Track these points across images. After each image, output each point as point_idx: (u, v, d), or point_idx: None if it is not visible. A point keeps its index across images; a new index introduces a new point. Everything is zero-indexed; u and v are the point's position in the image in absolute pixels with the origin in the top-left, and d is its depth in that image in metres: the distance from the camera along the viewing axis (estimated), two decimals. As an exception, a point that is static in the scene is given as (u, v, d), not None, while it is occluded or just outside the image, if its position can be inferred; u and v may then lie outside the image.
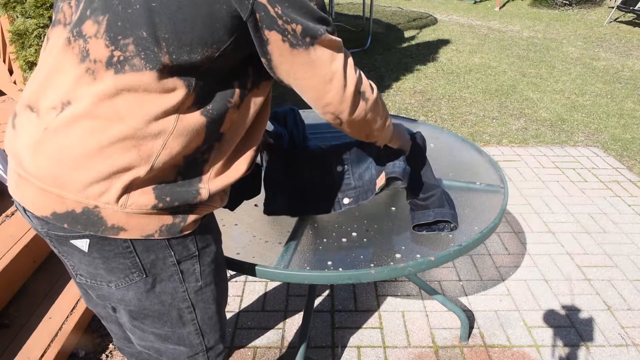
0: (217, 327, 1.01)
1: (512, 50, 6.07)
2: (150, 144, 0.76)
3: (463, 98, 4.40)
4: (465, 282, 2.14)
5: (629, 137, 3.67)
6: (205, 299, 0.95)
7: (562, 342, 1.83)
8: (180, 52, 0.73)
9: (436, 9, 8.75)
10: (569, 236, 2.47)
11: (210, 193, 0.85)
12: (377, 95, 0.93)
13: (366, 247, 1.19)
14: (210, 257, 0.93)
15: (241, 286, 2.10)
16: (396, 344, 1.82)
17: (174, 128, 0.77)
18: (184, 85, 0.76)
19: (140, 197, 0.79)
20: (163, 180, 0.80)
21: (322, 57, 0.81)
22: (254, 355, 1.76)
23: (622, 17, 7.85)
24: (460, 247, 1.18)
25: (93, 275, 0.86)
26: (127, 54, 0.73)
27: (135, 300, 0.88)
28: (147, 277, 0.86)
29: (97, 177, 0.76)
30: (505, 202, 1.39)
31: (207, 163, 0.85)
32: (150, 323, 0.93)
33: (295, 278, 1.10)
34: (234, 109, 0.83)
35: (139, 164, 0.77)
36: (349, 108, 0.88)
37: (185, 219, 0.85)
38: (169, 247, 0.86)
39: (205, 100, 0.79)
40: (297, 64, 0.80)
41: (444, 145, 1.77)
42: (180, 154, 0.80)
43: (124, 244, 0.82)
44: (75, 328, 1.71)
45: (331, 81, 0.83)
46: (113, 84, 0.74)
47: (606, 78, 5.05)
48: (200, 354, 1.01)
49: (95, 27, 0.75)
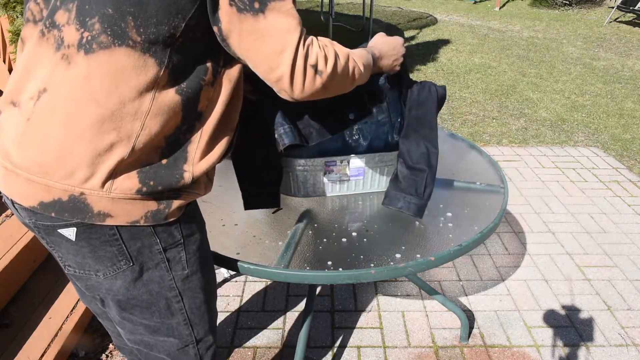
0: (205, 318, 1.02)
1: (512, 50, 6.07)
2: (129, 125, 0.77)
3: (463, 98, 4.40)
4: (465, 282, 2.14)
5: (629, 137, 3.67)
6: (192, 287, 0.96)
7: (562, 342, 1.83)
8: (147, 24, 0.74)
9: (436, 9, 8.75)
10: (569, 236, 2.47)
11: (194, 176, 0.86)
12: (334, 64, 0.86)
13: (366, 247, 1.19)
14: (195, 245, 0.94)
15: (241, 286, 2.10)
16: (396, 344, 1.82)
17: (151, 107, 0.78)
18: (155, 63, 0.77)
19: (124, 182, 0.79)
20: (147, 163, 0.81)
21: (273, 26, 0.78)
22: (254, 355, 1.76)
23: (622, 17, 7.85)
24: (460, 247, 1.18)
25: (81, 265, 0.87)
26: (94, 33, 0.75)
27: (124, 289, 0.89)
28: (134, 265, 0.87)
29: (81, 163, 0.77)
30: (505, 202, 1.39)
31: (191, 144, 0.85)
32: (139, 314, 0.94)
33: (295, 278, 1.10)
34: (208, 86, 0.84)
35: (120, 145, 0.77)
36: (301, 84, 0.83)
37: (170, 205, 0.86)
38: (155, 234, 0.87)
39: (179, 78, 0.80)
40: (245, 32, 0.77)
41: (444, 145, 1.77)
42: (161, 134, 0.81)
43: (110, 232, 0.83)
44: (75, 328, 1.70)
45: (282, 53, 0.79)
46: (85, 65, 0.75)
47: (606, 78, 5.05)
48: (190, 345, 1.02)
49: (66, 15, 0.77)
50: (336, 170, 1.39)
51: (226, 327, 1.89)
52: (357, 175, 1.42)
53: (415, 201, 1.25)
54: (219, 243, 1.21)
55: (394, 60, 1.14)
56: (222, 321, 1.91)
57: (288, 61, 0.79)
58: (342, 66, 0.88)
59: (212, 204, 1.39)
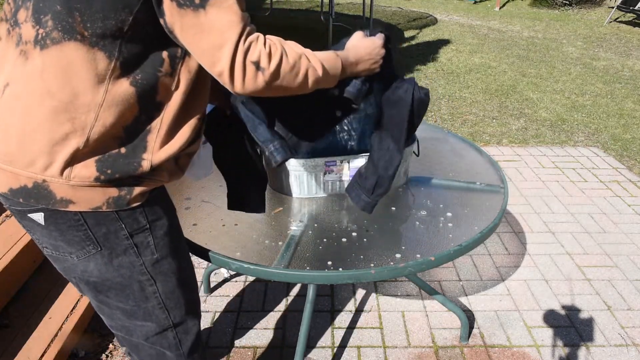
0: (181, 302, 1.04)
1: (512, 50, 6.07)
2: (83, 117, 0.80)
3: (463, 98, 4.40)
4: (465, 282, 2.14)
5: (629, 137, 3.67)
6: (163, 271, 0.99)
7: (562, 342, 1.83)
8: (93, 19, 0.76)
9: (436, 9, 8.75)
10: (569, 236, 2.47)
11: (153, 165, 0.88)
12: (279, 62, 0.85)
13: (366, 247, 1.19)
14: (162, 229, 0.97)
15: (241, 286, 2.10)
16: (396, 344, 1.82)
17: (104, 99, 0.80)
18: (105, 56, 0.79)
19: (82, 170, 0.83)
20: (106, 152, 0.84)
21: (213, 22, 0.78)
22: (254, 355, 1.76)
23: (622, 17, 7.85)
24: (460, 247, 1.18)
25: (55, 247, 0.92)
26: (47, 29, 0.78)
27: (97, 271, 0.93)
28: (103, 249, 0.91)
29: (40, 152, 0.81)
30: (505, 202, 1.39)
31: (150, 133, 0.87)
32: (114, 296, 0.97)
33: (295, 278, 1.10)
34: (166, 77, 0.85)
35: (75, 136, 0.80)
36: (241, 80, 0.82)
37: (131, 191, 0.88)
38: (119, 219, 0.89)
39: (132, 70, 0.81)
40: (186, 27, 0.78)
41: (444, 145, 1.77)
42: (118, 124, 0.83)
43: (75, 217, 0.87)
44: (75, 328, 1.70)
45: (221, 48, 0.79)
46: (40, 60, 0.79)
47: (606, 78, 5.05)
48: (168, 330, 1.04)
49: (25, 13, 0.81)
50: (336, 170, 1.39)
51: (226, 327, 1.89)
52: None
53: (365, 197, 1.26)
54: (219, 243, 1.21)
55: (372, 64, 1.11)
56: (222, 321, 1.92)
57: (227, 56, 0.80)
58: (289, 65, 0.87)
59: (212, 204, 1.39)
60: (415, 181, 1.52)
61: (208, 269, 2.06)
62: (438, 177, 1.54)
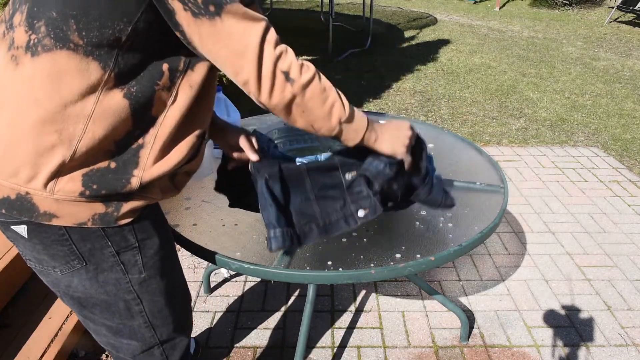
0: (169, 320, 1.00)
1: (512, 50, 6.07)
2: (70, 128, 0.76)
3: (463, 98, 4.40)
4: (465, 282, 2.14)
5: (629, 137, 3.67)
6: (150, 291, 0.95)
7: (562, 342, 1.83)
8: (90, 27, 0.73)
9: (436, 9, 8.75)
10: (569, 236, 2.47)
11: (143, 182, 0.83)
12: (310, 78, 0.82)
13: (366, 247, 1.19)
14: (153, 249, 0.92)
15: (241, 286, 2.10)
16: (396, 344, 1.82)
17: (93, 111, 0.77)
18: (99, 67, 0.75)
19: (67, 184, 0.79)
20: (94, 166, 0.80)
21: (232, 28, 0.76)
22: (254, 355, 1.76)
23: (622, 17, 7.85)
24: (460, 247, 1.18)
25: (39, 260, 0.88)
26: (39, 36, 0.75)
27: (81, 287, 0.90)
28: (88, 265, 0.87)
29: (24, 162, 0.77)
30: (505, 202, 1.39)
31: (143, 148, 0.83)
32: (99, 313, 0.93)
33: (295, 278, 1.10)
34: (163, 91, 0.81)
35: (61, 148, 0.77)
36: (268, 88, 0.80)
37: (119, 208, 0.84)
38: (105, 237, 0.85)
39: (127, 82, 0.78)
40: (205, 36, 0.76)
41: (444, 145, 1.77)
42: (109, 137, 0.79)
43: (59, 232, 0.83)
44: (75, 328, 1.70)
45: (244, 55, 0.77)
46: (30, 67, 0.75)
47: (606, 78, 5.05)
48: (154, 347, 1.01)
49: (19, 16, 0.78)
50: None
51: (226, 327, 1.89)
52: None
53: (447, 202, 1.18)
54: (219, 243, 1.21)
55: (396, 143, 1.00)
56: (222, 321, 1.92)
57: (252, 64, 0.78)
58: (320, 87, 0.83)
59: (212, 204, 1.39)
60: (415, 181, 1.52)
61: (208, 269, 2.06)
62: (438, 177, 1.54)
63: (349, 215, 1.10)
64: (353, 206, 1.10)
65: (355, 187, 1.10)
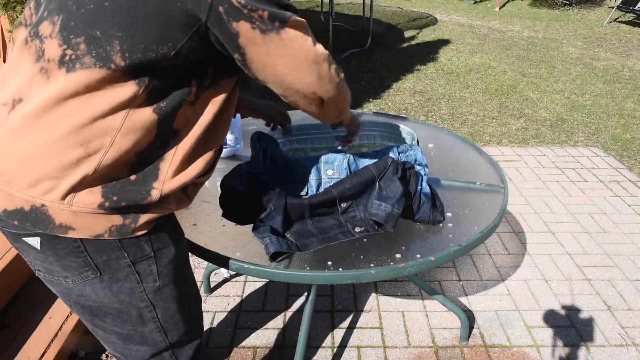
0: (180, 324, 1.00)
1: (512, 50, 6.07)
2: (97, 141, 0.76)
3: (463, 98, 4.40)
4: (465, 282, 2.14)
5: (629, 137, 3.67)
6: (164, 298, 0.94)
7: (562, 342, 1.83)
8: (133, 49, 0.73)
9: (436, 9, 8.75)
10: (569, 236, 2.47)
11: (162, 194, 0.83)
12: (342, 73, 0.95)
13: (366, 247, 1.19)
14: (168, 257, 0.92)
15: (241, 286, 2.10)
16: (396, 344, 1.82)
17: (122, 125, 0.76)
18: (135, 83, 0.75)
19: (86, 196, 0.78)
20: (114, 178, 0.79)
21: (295, 38, 0.81)
22: (254, 355, 1.76)
23: (622, 17, 7.85)
24: (460, 247, 1.18)
25: (50, 270, 0.86)
26: (78, 52, 0.73)
27: (94, 295, 0.88)
28: (102, 275, 0.86)
29: (44, 175, 0.76)
30: (505, 202, 1.39)
31: (164, 161, 0.83)
32: (111, 321, 0.92)
33: (295, 278, 1.10)
34: (188, 106, 0.82)
35: (86, 161, 0.76)
36: (329, 84, 0.88)
37: (137, 219, 0.83)
38: (122, 248, 0.84)
39: (158, 98, 0.78)
40: (272, 50, 0.79)
41: (444, 145, 1.77)
42: (132, 150, 0.79)
43: (75, 244, 0.81)
44: (75, 328, 1.70)
45: (306, 60, 0.83)
46: (64, 83, 0.74)
47: (606, 78, 5.05)
48: (164, 352, 1.00)
49: (50, 27, 0.76)
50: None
51: (226, 327, 1.89)
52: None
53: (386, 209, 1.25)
54: (219, 243, 1.21)
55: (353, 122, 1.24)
56: (222, 321, 1.92)
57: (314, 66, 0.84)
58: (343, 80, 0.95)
59: (213, 204, 1.39)
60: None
61: (208, 269, 2.06)
62: (438, 177, 1.54)
63: (347, 231, 1.21)
64: (349, 225, 1.22)
65: (350, 213, 1.23)
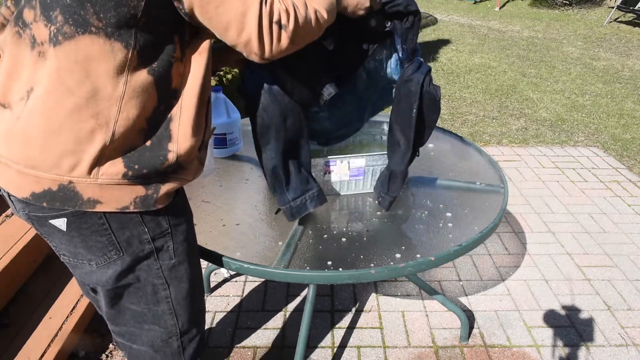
0: (190, 310, 1.04)
1: (512, 50, 6.07)
2: (106, 111, 0.79)
3: (463, 98, 4.41)
4: (465, 282, 2.14)
5: (629, 137, 3.67)
6: (178, 276, 0.98)
7: (562, 342, 1.83)
8: (106, 8, 0.74)
9: (436, 9, 8.75)
10: (569, 236, 2.47)
11: (179, 154, 0.86)
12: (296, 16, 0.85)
13: (366, 247, 1.19)
14: (182, 235, 0.97)
15: (241, 286, 2.10)
16: (396, 344, 1.82)
17: (125, 91, 0.79)
18: (122, 46, 0.77)
19: (110, 168, 0.82)
20: (132, 147, 0.83)
21: None
22: (254, 355, 1.76)
23: (622, 17, 7.85)
24: (460, 247, 1.18)
25: (74, 254, 0.91)
26: (57, 25, 0.76)
27: (114, 277, 0.93)
28: (124, 255, 0.90)
29: (64, 152, 0.79)
30: (505, 202, 1.39)
31: (173, 121, 0.85)
32: (127, 297, 0.97)
33: (295, 278, 1.10)
34: (178, 63, 0.84)
35: (100, 132, 0.79)
36: (269, 43, 0.83)
37: (158, 190, 0.87)
38: (143, 223, 0.89)
39: (149, 58, 0.80)
40: (205, 2, 0.78)
41: (444, 145, 1.77)
42: (141, 116, 0.82)
43: (100, 221, 0.85)
44: (75, 328, 1.70)
45: (246, 15, 0.79)
46: (55, 58, 0.77)
47: (606, 78, 5.05)
48: (173, 337, 1.04)
49: (32, 12, 0.79)
50: (336, 170, 1.39)
51: (226, 327, 1.89)
52: (357, 175, 1.42)
53: (382, 194, 1.35)
54: (219, 243, 1.21)
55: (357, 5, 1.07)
56: (222, 321, 1.92)
57: (253, 22, 0.80)
58: (303, 17, 0.86)
59: (212, 204, 1.39)
60: (415, 181, 1.52)
61: (208, 269, 2.06)
62: (438, 177, 1.54)
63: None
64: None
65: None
